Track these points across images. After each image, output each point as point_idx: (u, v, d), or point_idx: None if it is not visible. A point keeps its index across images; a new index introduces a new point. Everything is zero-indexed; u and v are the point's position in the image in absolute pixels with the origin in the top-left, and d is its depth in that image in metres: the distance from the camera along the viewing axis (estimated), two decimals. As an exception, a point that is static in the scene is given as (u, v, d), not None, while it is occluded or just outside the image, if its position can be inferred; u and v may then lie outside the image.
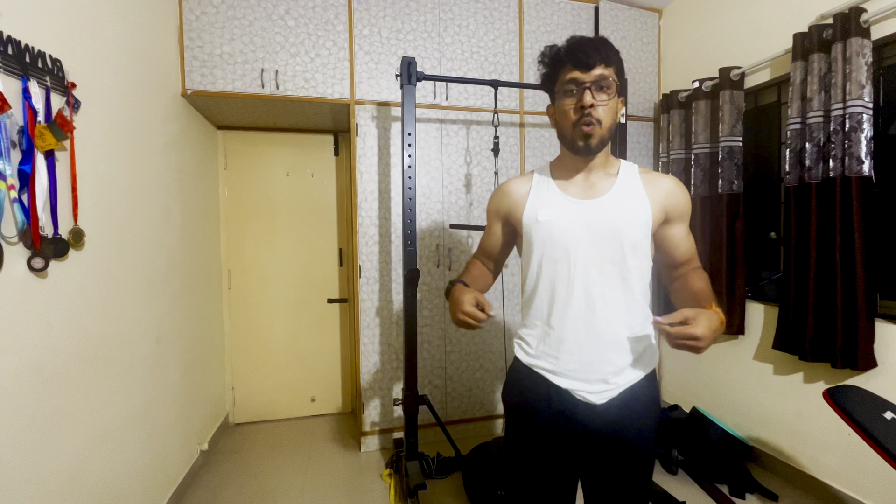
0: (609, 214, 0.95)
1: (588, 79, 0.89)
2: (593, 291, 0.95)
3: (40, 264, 1.12)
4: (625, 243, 0.93)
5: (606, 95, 0.90)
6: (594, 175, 1.00)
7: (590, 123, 0.90)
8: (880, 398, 1.22)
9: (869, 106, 1.64)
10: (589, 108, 0.89)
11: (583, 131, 0.91)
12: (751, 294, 2.25)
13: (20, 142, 1.08)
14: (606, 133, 0.93)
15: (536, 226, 1.00)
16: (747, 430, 2.22)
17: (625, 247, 0.93)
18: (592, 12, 2.61)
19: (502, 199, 1.11)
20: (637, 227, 0.94)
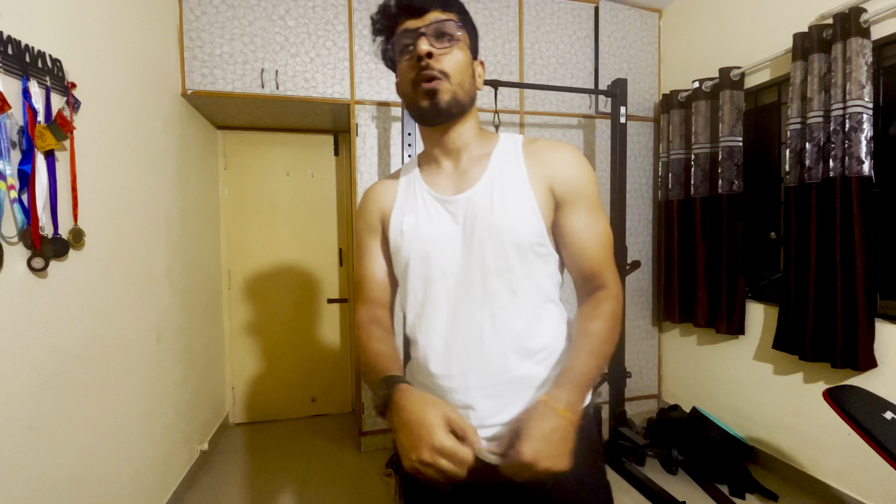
0: (483, 208, 0.72)
1: (421, 24, 0.69)
2: (478, 317, 0.71)
3: (40, 264, 1.12)
4: (507, 245, 0.70)
5: (449, 43, 0.70)
6: (465, 159, 0.77)
7: (431, 77, 0.69)
8: (880, 398, 1.22)
9: (869, 106, 1.64)
10: (426, 56, 0.68)
11: (424, 89, 0.69)
12: (751, 294, 2.25)
13: (20, 142, 1.08)
14: (460, 90, 0.71)
15: (402, 238, 0.76)
16: (747, 430, 2.22)
17: (508, 249, 0.70)
18: (592, 12, 2.61)
19: (373, 205, 0.83)
20: (520, 220, 0.70)
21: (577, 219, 0.73)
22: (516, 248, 0.71)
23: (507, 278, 0.71)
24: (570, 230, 0.74)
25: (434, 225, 0.75)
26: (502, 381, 0.72)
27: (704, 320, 2.35)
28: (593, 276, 0.75)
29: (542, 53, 2.53)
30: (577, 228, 0.74)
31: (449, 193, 0.76)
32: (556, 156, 0.74)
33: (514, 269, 0.71)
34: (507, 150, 0.76)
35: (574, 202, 0.73)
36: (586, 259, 0.74)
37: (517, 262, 0.71)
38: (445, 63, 0.70)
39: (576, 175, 0.73)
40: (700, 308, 2.36)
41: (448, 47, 0.70)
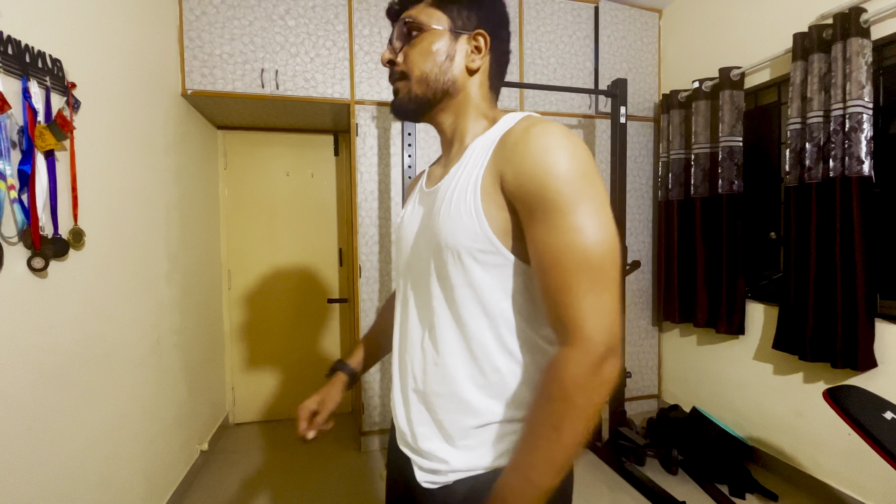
0: (431, 206, 0.67)
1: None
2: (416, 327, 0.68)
3: (40, 264, 1.12)
4: (443, 249, 0.61)
5: (401, 42, 0.68)
6: (456, 147, 0.70)
7: (392, 78, 0.71)
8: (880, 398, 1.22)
9: (869, 106, 1.64)
10: (387, 65, 0.70)
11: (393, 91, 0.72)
12: (751, 294, 2.25)
13: (20, 142, 1.08)
14: (420, 85, 0.67)
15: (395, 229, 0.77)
16: (747, 430, 2.22)
17: (445, 255, 0.61)
18: (592, 12, 2.61)
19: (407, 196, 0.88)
20: (456, 221, 0.59)
21: (536, 231, 0.54)
22: (452, 253, 0.60)
23: (444, 285, 0.63)
24: (529, 242, 0.56)
25: (413, 218, 0.73)
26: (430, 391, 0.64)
27: (704, 320, 2.35)
28: (556, 319, 0.54)
29: (542, 53, 2.53)
30: (534, 244, 0.55)
31: (433, 184, 0.71)
32: (518, 145, 0.56)
33: (449, 276, 0.61)
34: (487, 138, 0.64)
35: (533, 208, 0.54)
36: (543, 290, 0.55)
37: (452, 268, 0.61)
38: (407, 62, 0.68)
39: (535, 169, 0.53)
40: (700, 308, 2.36)
41: (409, 45, 0.68)
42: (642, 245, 2.77)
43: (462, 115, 0.70)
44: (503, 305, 0.60)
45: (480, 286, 0.60)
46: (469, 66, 0.68)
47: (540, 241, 0.54)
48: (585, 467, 2.18)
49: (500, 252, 0.59)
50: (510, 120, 0.64)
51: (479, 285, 0.60)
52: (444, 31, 0.66)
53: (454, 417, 0.62)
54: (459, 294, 0.61)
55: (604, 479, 2.08)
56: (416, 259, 0.68)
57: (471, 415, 0.61)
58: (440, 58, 0.66)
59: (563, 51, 2.57)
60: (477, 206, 0.59)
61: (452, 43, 0.67)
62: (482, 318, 0.60)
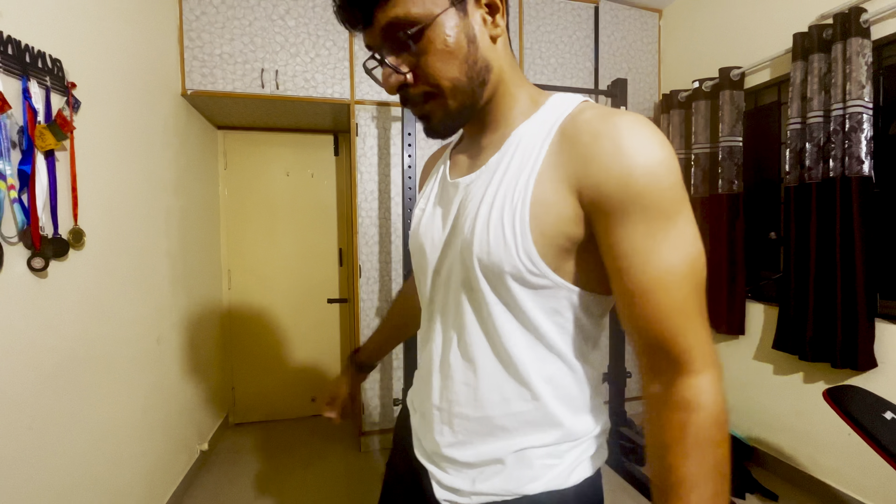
0: (461, 207, 0.56)
1: (373, 40, 0.53)
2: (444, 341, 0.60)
3: (40, 264, 1.12)
4: (475, 267, 0.52)
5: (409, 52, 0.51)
6: (488, 133, 0.58)
7: (416, 105, 0.55)
8: (880, 398, 1.22)
9: (869, 106, 1.64)
10: (397, 91, 0.54)
11: (416, 116, 0.57)
12: (751, 294, 2.25)
13: (20, 142, 1.08)
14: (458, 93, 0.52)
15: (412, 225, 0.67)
16: (747, 430, 2.22)
17: (474, 270, 0.52)
18: (592, 12, 2.61)
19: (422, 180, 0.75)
20: (496, 238, 0.50)
21: (627, 238, 0.45)
22: (485, 269, 0.51)
23: (476, 304, 0.54)
24: (614, 255, 0.47)
25: (434, 218, 0.61)
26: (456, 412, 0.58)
27: (704, 320, 2.35)
28: (664, 342, 0.46)
29: (542, 53, 2.53)
30: (626, 254, 0.46)
31: (460, 174, 0.59)
32: (603, 141, 0.46)
33: (482, 292, 0.53)
34: (537, 125, 0.52)
35: (624, 213, 0.45)
36: (641, 310, 0.46)
37: (486, 288, 0.52)
38: (426, 76, 0.51)
39: (629, 169, 0.44)
40: (700, 308, 2.35)
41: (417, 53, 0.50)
42: (642, 245, 2.77)
43: (497, 97, 0.56)
44: (548, 326, 0.53)
45: (522, 306, 0.52)
46: (493, 34, 0.53)
47: (636, 255, 0.45)
48: (585, 467, 2.18)
49: (551, 278, 0.50)
50: (563, 104, 0.53)
51: (521, 305, 0.52)
52: (450, 8, 0.49)
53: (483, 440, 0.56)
54: (495, 311, 0.53)
55: (604, 479, 2.08)
56: (443, 266, 0.58)
57: (501, 439, 0.55)
58: (464, 49, 0.50)
59: (563, 51, 2.57)
60: (524, 221, 0.48)
61: (465, 18, 0.50)
62: (520, 338, 0.53)
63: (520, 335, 0.53)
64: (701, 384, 0.45)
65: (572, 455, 0.56)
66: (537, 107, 0.55)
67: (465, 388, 0.57)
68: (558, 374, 0.55)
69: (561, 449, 0.55)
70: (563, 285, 0.51)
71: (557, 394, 0.55)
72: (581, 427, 0.56)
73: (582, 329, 0.54)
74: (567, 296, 0.52)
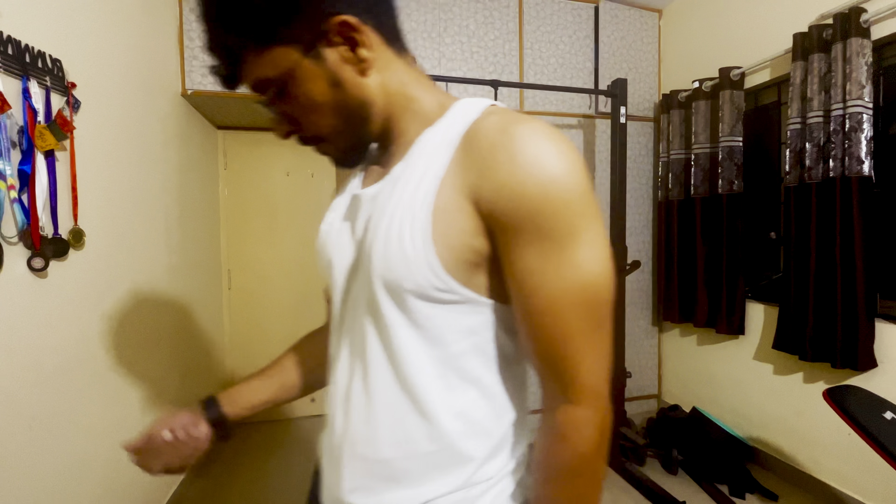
0: (365, 219, 0.51)
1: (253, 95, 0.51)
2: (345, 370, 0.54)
3: (40, 264, 1.12)
4: (374, 283, 0.48)
5: (281, 99, 0.49)
6: (396, 142, 0.54)
7: (310, 146, 0.54)
8: (880, 398, 1.22)
9: (869, 106, 1.64)
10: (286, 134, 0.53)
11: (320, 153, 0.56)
12: (751, 294, 2.25)
13: (20, 142, 1.08)
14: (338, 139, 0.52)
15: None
16: (747, 430, 2.22)
17: (376, 290, 0.48)
18: (592, 12, 2.61)
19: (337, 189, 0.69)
20: (396, 252, 0.45)
21: (525, 264, 0.43)
22: (385, 286, 0.47)
23: (377, 325, 0.49)
24: (510, 273, 0.45)
25: (341, 231, 0.56)
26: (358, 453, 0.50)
27: (704, 320, 2.35)
28: (550, 367, 0.45)
29: (542, 53, 2.53)
30: (521, 279, 0.44)
31: (369, 185, 0.54)
32: (498, 150, 0.43)
33: (385, 314, 0.48)
34: (443, 130, 0.48)
35: (519, 234, 0.43)
36: (532, 335, 0.45)
37: (388, 308, 0.47)
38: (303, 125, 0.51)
39: (526, 185, 0.42)
40: (700, 308, 2.36)
41: (285, 104, 0.50)
42: (642, 245, 2.77)
43: (395, 118, 0.53)
44: (462, 347, 0.48)
45: (431, 327, 0.47)
46: (361, 69, 0.49)
47: (530, 276, 0.43)
48: (585, 467, 2.18)
49: (461, 293, 0.46)
50: (470, 110, 0.48)
51: (430, 326, 0.47)
52: (301, 60, 0.46)
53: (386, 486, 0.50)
54: (400, 336, 0.47)
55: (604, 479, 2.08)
56: (352, 287, 0.53)
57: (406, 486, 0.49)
58: (330, 97, 0.48)
59: (563, 51, 2.56)
60: (425, 232, 0.44)
61: (322, 65, 0.47)
62: (428, 367, 0.48)
63: (428, 363, 0.48)
64: (575, 417, 0.45)
65: (487, 499, 0.49)
66: (441, 110, 0.51)
67: (365, 426, 0.50)
68: (472, 407, 0.49)
69: (472, 494, 0.49)
70: (477, 299, 0.47)
71: (469, 430, 0.49)
72: (496, 464, 0.50)
73: (502, 348, 0.50)
74: (482, 311, 0.48)
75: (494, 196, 0.43)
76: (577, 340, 0.44)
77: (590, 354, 0.44)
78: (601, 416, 0.45)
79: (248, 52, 0.47)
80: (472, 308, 0.47)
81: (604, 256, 0.45)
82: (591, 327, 0.44)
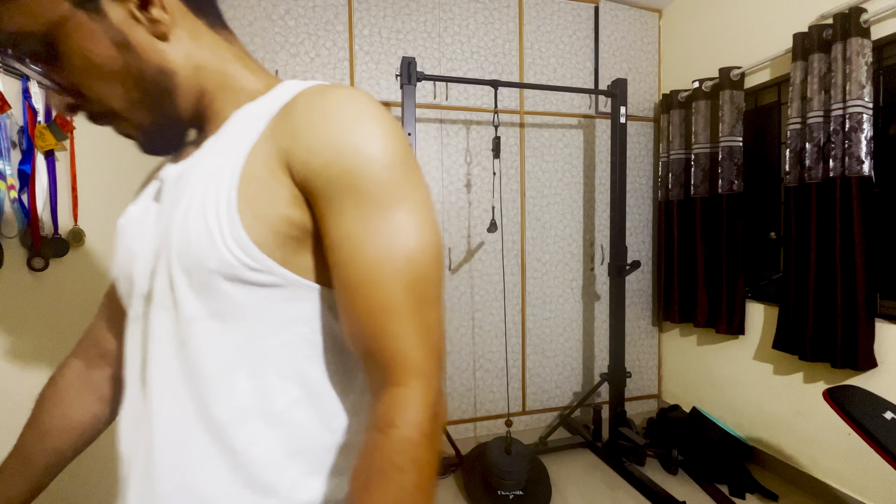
0: (164, 204, 0.45)
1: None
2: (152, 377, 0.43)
3: (40, 264, 1.12)
4: (173, 264, 0.41)
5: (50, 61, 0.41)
6: (212, 121, 0.48)
7: (109, 125, 0.45)
8: (880, 398, 1.22)
9: (869, 106, 1.64)
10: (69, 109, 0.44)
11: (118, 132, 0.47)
12: (751, 294, 2.25)
13: (20, 142, 1.08)
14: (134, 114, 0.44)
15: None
16: (747, 430, 2.22)
17: (174, 272, 0.41)
18: (592, 12, 2.61)
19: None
20: (196, 225, 0.40)
21: (340, 232, 0.40)
22: (186, 271, 0.40)
23: (175, 321, 0.42)
24: (327, 245, 0.41)
25: (145, 217, 0.48)
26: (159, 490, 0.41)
27: (704, 320, 2.35)
28: (370, 347, 0.40)
29: (542, 53, 2.53)
30: (337, 251, 0.40)
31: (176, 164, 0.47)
32: (312, 112, 0.40)
33: (183, 306, 0.41)
34: (264, 105, 0.44)
35: (334, 194, 0.39)
36: (350, 311, 0.40)
37: (188, 296, 0.41)
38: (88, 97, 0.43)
39: (340, 146, 0.39)
40: (700, 308, 2.36)
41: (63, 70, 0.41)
42: (642, 245, 2.77)
43: (210, 94, 0.46)
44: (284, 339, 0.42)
45: (244, 316, 0.41)
46: (158, 31, 0.42)
47: (347, 242, 0.39)
48: (585, 467, 2.18)
49: (280, 274, 0.41)
50: (297, 86, 0.45)
51: (243, 315, 0.41)
52: (73, 12, 0.38)
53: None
54: (200, 332, 0.41)
55: (604, 479, 2.08)
56: (152, 281, 0.44)
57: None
58: (117, 61, 0.41)
59: (563, 51, 2.57)
60: (231, 202, 0.39)
61: (102, 21, 0.39)
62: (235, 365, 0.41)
63: (235, 361, 0.41)
64: (401, 397, 0.38)
65: None
66: (266, 88, 0.47)
67: (146, 457, 0.42)
68: (292, 410, 0.42)
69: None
70: (300, 283, 0.42)
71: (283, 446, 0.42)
72: (316, 485, 0.43)
73: (334, 342, 0.44)
74: (307, 297, 0.42)
75: (307, 156, 0.39)
76: (399, 315, 0.39)
77: (413, 330, 0.39)
78: (429, 396, 0.39)
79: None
80: (296, 293, 0.42)
81: (429, 227, 0.41)
82: (414, 301, 0.40)
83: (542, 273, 2.57)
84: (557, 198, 2.58)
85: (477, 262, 2.46)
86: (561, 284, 2.61)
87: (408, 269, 0.39)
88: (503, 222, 2.49)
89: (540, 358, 2.59)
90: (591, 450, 2.33)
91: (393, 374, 0.39)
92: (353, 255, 0.39)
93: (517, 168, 2.51)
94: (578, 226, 2.63)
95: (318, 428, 0.44)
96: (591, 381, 2.69)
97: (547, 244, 2.57)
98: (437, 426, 0.40)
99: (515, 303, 2.53)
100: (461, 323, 2.45)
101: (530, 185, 2.53)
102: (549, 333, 2.60)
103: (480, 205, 2.45)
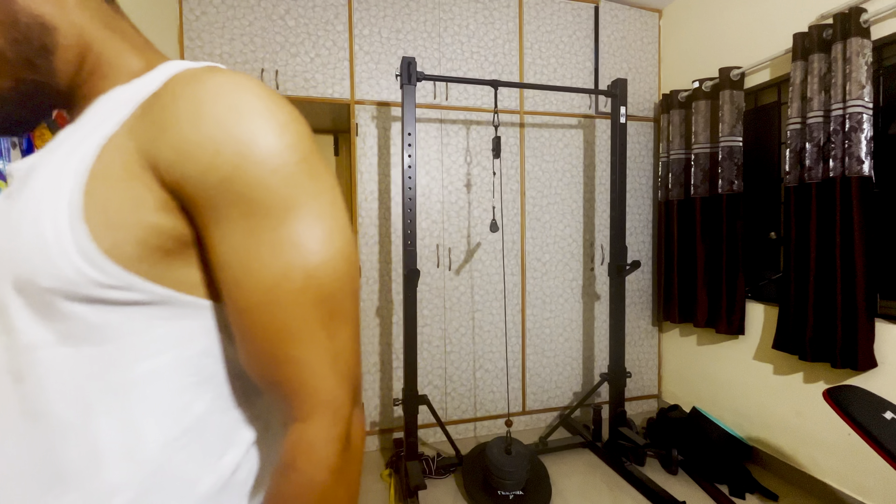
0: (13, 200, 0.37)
1: None
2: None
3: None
4: (3, 278, 0.34)
5: None
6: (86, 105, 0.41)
7: None
8: (880, 398, 1.22)
9: (869, 106, 1.64)
10: None
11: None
12: (751, 294, 2.25)
13: (20, 142, 1.08)
14: None
15: None
16: (747, 430, 2.22)
17: (3, 290, 0.35)
18: (592, 12, 2.61)
19: None
20: (29, 231, 0.33)
21: (228, 248, 0.34)
22: (17, 288, 0.34)
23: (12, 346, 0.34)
24: (213, 262, 0.35)
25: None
26: None
27: (704, 320, 2.35)
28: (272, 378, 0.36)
29: (542, 53, 2.53)
30: (226, 269, 0.35)
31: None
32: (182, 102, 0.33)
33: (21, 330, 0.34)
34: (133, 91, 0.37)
35: (215, 204, 0.34)
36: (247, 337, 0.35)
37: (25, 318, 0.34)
38: None
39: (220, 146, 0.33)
40: (700, 308, 2.36)
41: None
42: (642, 245, 2.77)
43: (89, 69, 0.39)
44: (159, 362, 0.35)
45: (100, 339, 0.34)
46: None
47: (237, 261, 0.34)
48: (585, 467, 2.18)
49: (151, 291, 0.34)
50: (177, 66, 0.37)
51: (99, 338, 0.34)
52: None
53: None
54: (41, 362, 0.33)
55: (604, 479, 2.08)
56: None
57: None
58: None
59: (563, 51, 2.57)
60: (73, 204, 0.32)
61: None
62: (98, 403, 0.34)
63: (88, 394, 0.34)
64: (304, 434, 0.34)
65: None
66: (147, 67, 0.40)
67: None
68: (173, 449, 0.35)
69: None
70: (180, 299, 0.35)
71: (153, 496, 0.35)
72: None
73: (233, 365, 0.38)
74: (193, 314, 0.36)
75: (176, 157, 0.32)
76: (301, 339, 0.34)
77: (319, 356, 0.35)
78: (339, 430, 0.35)
79: None
80: (174, 311, 0.35)
81: (337, 236, 0.36)
82: (319, 323, 0.35)
83: (542, 273, 2.57)
84: (557, 198, 2.58)
85: (477, 262, 2.46)
86: (561, 284, 2.61)
87: (310, 286, 0.34)
88: (503, 222, 2.49)
89: (540, 358, 2.59)
90: (591, 450, 2.33)
91: (296, 407, 0.35)
92: (243, 274, 0.34)
93: (517, 168, 2.51)
94: (578, 226, 2.63)
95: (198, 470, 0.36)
96: (591, 381, 2.69)
97: (547, 244, 2.57)
98: (350, 458, 0.36)
99: (515, 303, 2.53)
100: (461, 323, 2.45)
101: (530, 185, 2.53)
102: (549, 333, 2.60)
103: (480, 205, 2.45)
